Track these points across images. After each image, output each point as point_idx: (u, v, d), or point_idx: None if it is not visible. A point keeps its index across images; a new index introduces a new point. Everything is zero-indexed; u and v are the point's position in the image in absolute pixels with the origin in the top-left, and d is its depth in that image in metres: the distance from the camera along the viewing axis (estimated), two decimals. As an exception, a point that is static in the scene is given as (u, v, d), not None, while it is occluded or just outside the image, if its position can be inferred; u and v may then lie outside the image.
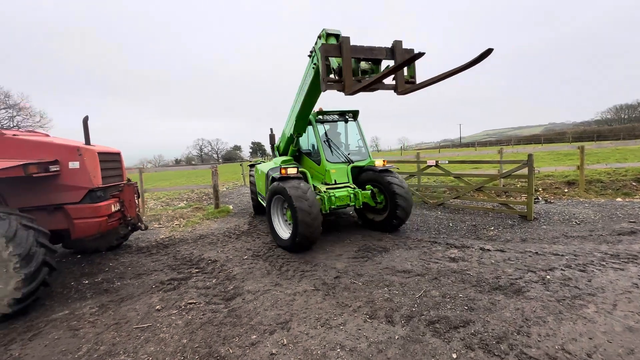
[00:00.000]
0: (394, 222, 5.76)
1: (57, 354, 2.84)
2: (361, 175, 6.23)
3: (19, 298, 3.38)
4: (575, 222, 5.97)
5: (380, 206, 5.97)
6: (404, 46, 4.18)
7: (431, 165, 7.80)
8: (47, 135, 4.93)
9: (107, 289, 4.16)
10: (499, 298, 3.31)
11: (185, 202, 10.69)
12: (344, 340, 2.76)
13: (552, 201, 7.84)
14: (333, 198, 5.49)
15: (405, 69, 4.13)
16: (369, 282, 3.85)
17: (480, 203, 7.39)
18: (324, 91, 4.23)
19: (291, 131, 6.30)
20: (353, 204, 5.70)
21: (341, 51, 3.98)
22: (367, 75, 4.26)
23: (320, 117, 6.61)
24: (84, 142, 4.59)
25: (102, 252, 5.70)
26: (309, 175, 5.96)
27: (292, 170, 5.37)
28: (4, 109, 32.30)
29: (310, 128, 6.55)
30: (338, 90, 4.11)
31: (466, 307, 3.16)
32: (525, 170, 6.36)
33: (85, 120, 4.70)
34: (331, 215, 7.63)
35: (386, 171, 5.91)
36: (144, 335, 3.03)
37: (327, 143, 6.40)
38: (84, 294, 4.06)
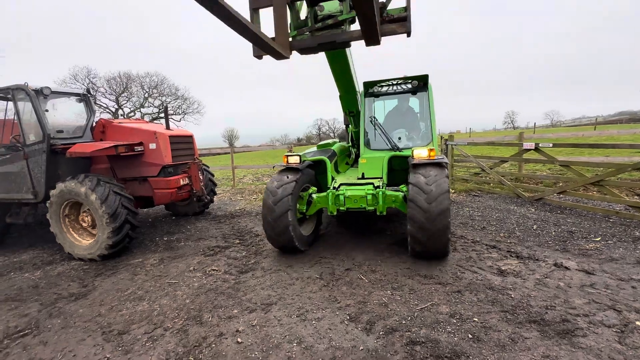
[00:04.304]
0: (409, 247, 3.87)
1: (113, 290, 3.78)
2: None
3: (110, 244, 4.60)
4: None
5: None
6: None
7: (529, 149, 6.08)
8: (147, 122, 6.30)
9: (172, 247, 5.17)
10: (528, 335, 2.46)
11: (273, 178, 11.86)
12: (307, 336, 2.64)
13: None
14: (342, 198, 4.08)
15: None
16: (376, 281, 3.48)
17: (603, 203, 5.36)
18: (257, 57, 3.00)
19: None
20: (372, 208, 4.04)
21: None
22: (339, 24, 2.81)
23: (373, 89, 5.16)
24: (165, 127, 5.65)
25: (190, 216, 7.04)
26: (329, 163, 4.70)
27: (293, 159, 4.42)
28: (175, 99, 42.62)
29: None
30: (274, 57, 2.83)
31: (471, 336, 2.49)
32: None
33: (166, 108, 5.76)
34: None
35: (424, 165, 3.84)
36: (167, 290, 3.68)
37: (372, 123, 4.96)
38: (157, 248, 5.17)
